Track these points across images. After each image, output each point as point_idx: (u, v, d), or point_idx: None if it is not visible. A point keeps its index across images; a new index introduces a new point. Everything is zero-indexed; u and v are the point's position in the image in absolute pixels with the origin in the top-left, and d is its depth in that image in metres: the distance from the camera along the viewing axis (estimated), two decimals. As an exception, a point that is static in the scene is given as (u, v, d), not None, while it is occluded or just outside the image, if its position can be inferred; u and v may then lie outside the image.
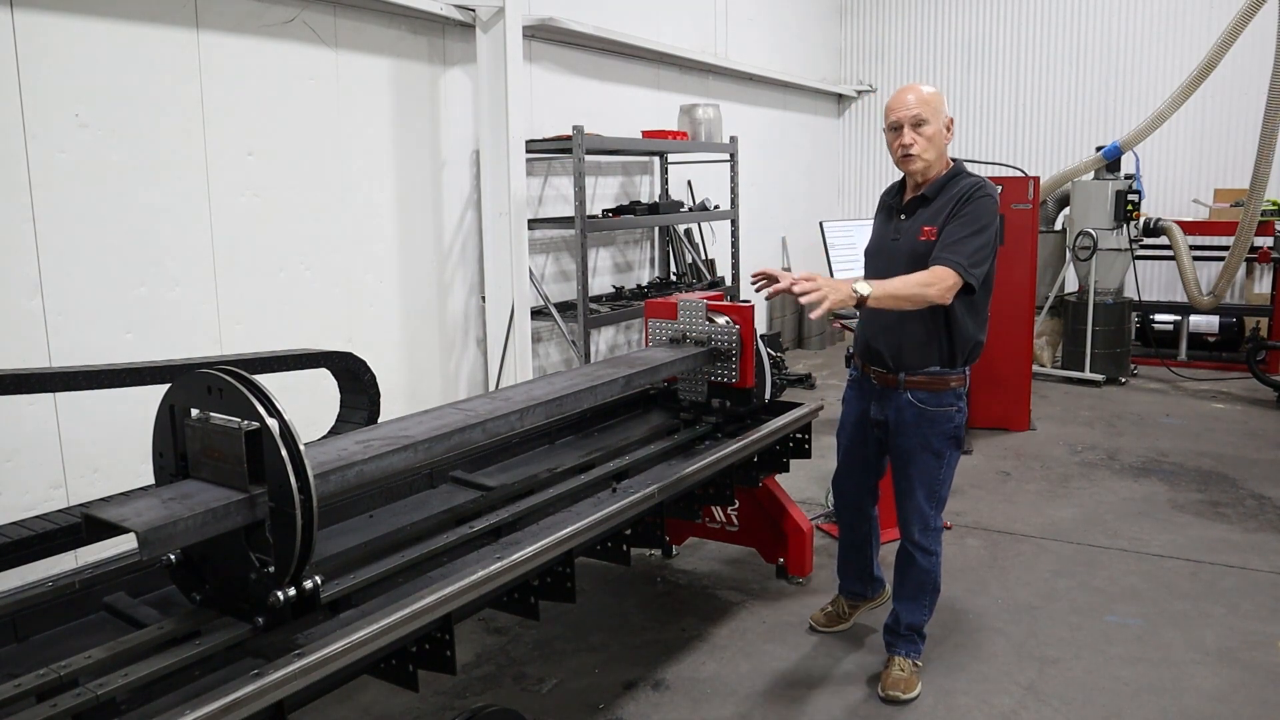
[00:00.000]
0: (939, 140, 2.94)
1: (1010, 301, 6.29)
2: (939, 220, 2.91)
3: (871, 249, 3.19)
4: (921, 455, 3.02)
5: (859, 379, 3.23)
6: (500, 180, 5.04)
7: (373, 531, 2.54)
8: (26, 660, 1.95)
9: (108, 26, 3.55)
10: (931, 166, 2.96)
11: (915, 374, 2.99)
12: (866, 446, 3.24)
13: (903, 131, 2.94)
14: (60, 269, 3.45)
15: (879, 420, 3.11)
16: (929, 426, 3.00)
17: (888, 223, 3.10)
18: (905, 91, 2.96)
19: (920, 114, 2.90)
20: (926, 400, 2.99)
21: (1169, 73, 8.74)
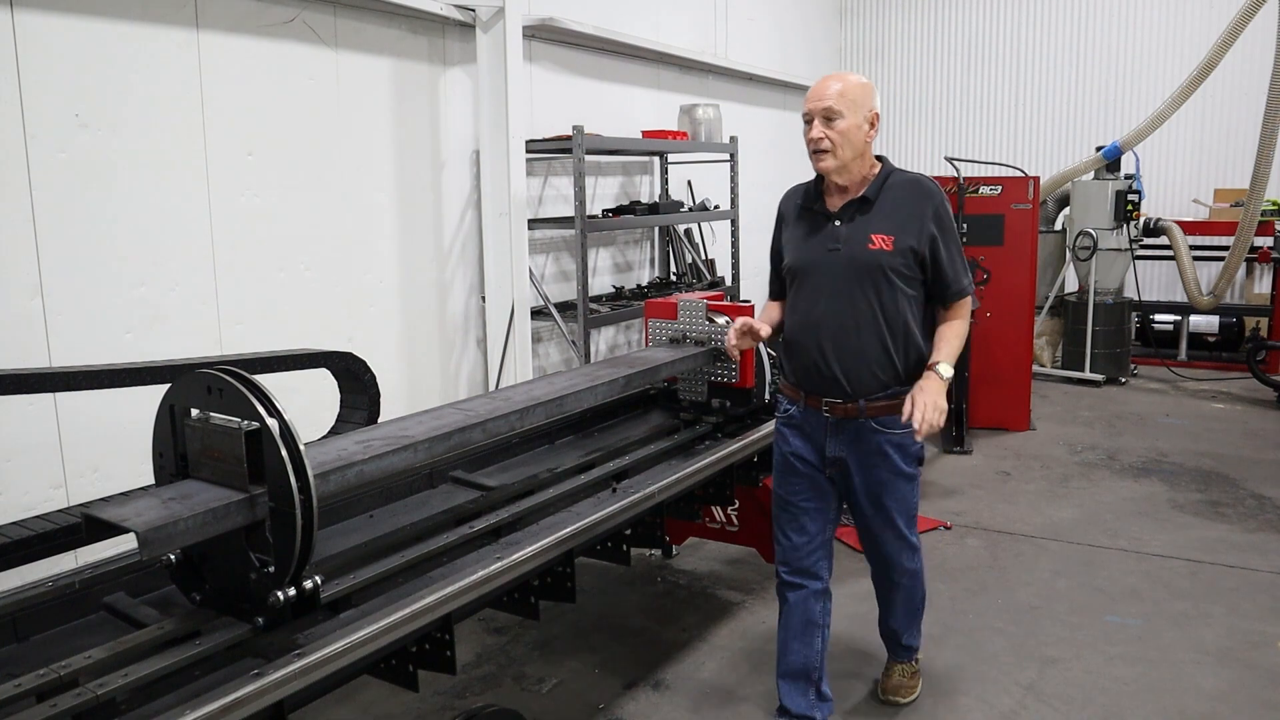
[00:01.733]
0: (856, 137, 2.58)
1: (1010, 301, 6.29)
2: (895, 226, 2.59)
3: (800, 262, 2.71)
4: (895, 484, 2.73)
5: (801, 415, 2.76)
6: (500, 180, 5.03)
7: (373, 531, 2.54)
8: (26, 660, 1.95)
9: (108, 26, 3.55)
10: (848, 166, 2.62)
11: (877, 398, 2.65)
12: (821, 491, 2.79)
13: (813, 124, 2.59)
14: (60, 269, 3.44)
15: (837, 458, 2.72)
16: (898, 453, 2.70)
17: (815, 230, 2.70)
18: (825, 80, 2.62)
19: (833, 106, 2.55)
20: (893, 424, 2.65)
21: (1169, 73, 8.74)
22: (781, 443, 2.83)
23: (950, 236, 2.64)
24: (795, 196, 2.83)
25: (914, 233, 2.59)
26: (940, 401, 2.55)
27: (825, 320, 2.64)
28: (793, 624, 2.81)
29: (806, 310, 2.69)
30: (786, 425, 2.82)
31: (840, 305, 2.62)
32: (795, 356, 2.74)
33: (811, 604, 2.81)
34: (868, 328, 2.61)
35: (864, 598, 3.85)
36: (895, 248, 2.58)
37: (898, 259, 2.58)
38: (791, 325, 2.75)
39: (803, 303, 2.71)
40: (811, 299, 2.67)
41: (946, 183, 6.23)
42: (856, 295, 2.61)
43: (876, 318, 2.61)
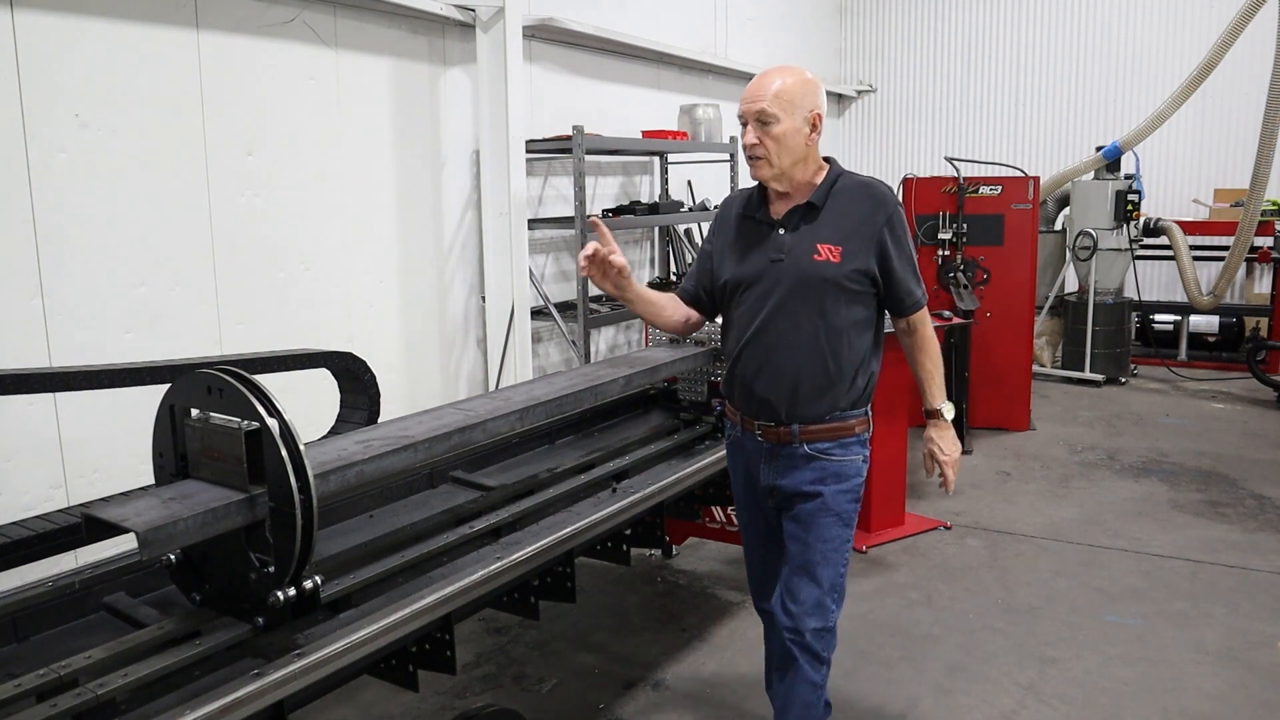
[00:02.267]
0: (794, 142, 2.33)
1: (1010, 301, 6.29)
2: (843, 235, 2.35)
3: (740, 275, 2.44)
4: (824, 521, 2.41)
5: (738, 439, 2.56)
6: (500, 180, 5.03)
7: (373, 531, 2.54)
8: (26, 660, 1.95)
9: (108, 26, 3.55)
10: (788, 173, 2.37)
11: (813, 423, 2.40)
12: (768, 522, 2.58)
13: (747, 129, 2.36)
14: (60, 269, 3.44)
15: (771, 486, 2.47)
16: (835, 484, 2.41)
17: (756, 240, 2.44)
18: (762, 78, 2.34)
19: (767, 109, 2.29)
20: (829, 451, 2.41)
21: (1169, 73, 8.73)
22: (731, 468, 2.66)
23: (904, 247, 2.40)
24: (736, 203, 2.56)
25: (864, 242, 2.35)
26: (958, 452, 2.52)
27: (763, 336, 2.39)
28: (770, 653, 2.62)
29: (744, 325, 2.43)
30: (730, 447, 2.63)
31: (781, 321, 2.37)
32: (732, 375, 2.50)
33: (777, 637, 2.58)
34: (810, 345, 2.36)
35: (866, 596, 3.86)
36: (843, 259, 2.34)
37: (845, 271, 2.34)
38: (728, 343, 2.53)
39: (741, 317, 2.45)
40: (750, 313, 2.41)
41: (946, 182, 6.24)
42: (799, 310, 2.36)
43: (819, 335, 2.36)
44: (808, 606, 2.41)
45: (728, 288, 2.48)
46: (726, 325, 2.54)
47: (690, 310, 2.66)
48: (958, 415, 5.94)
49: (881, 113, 10.58)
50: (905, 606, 3.80)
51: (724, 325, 2.57)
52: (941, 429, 2.52)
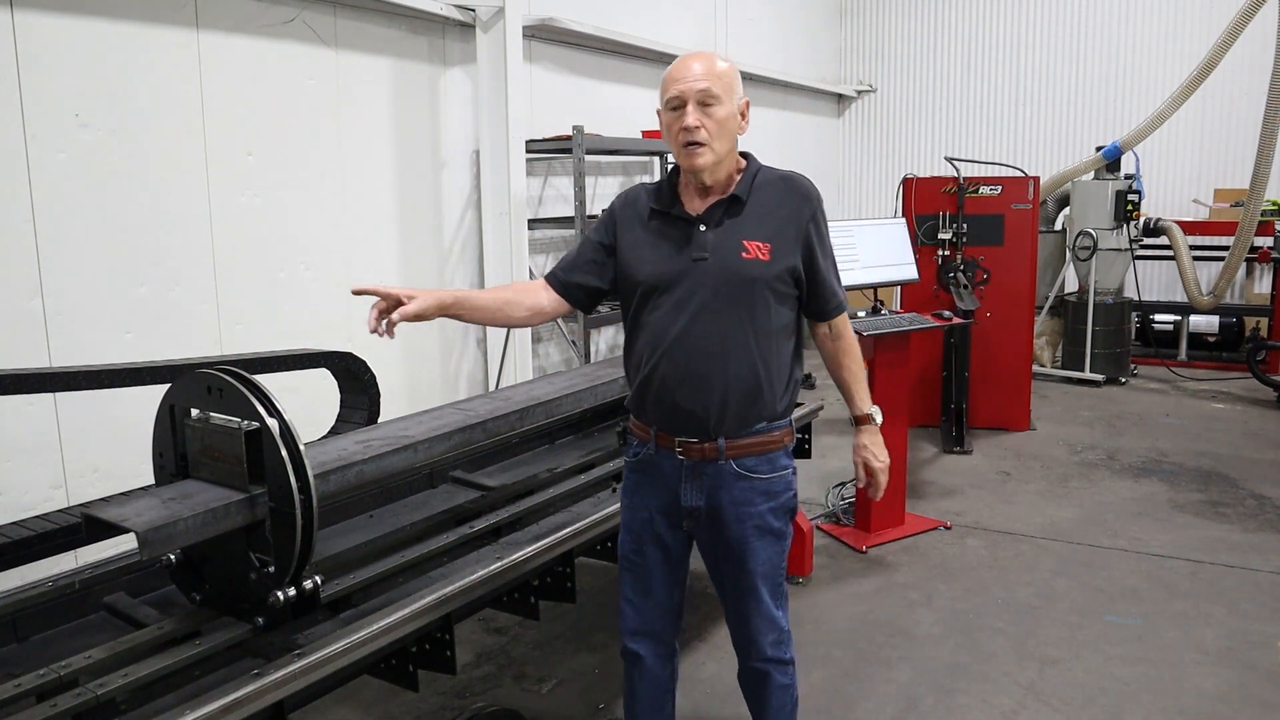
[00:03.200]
0: (731, 127, 2.15)
1: (1010, 301, 6.29)
2: (770, 232, 2.19)
3: (657, 275, 2.20)
4: (761, 542, 2.26)
5: (651, 459, 2.29)
6: (500, 180, 5.04)
7: (373, 531, 2.54)
8: (26, 660, 1.95)
9: (108, 26, 3.55)
10: (723, 163, 2.18)
11: (740, 437, 2.21)
12: (671, 552, 2.35)
13: (685, 111, 2.12)
14: (60, 269, 3.45)
15: (695, 508, 2.26)
16: (766, 502, 2.25)
17: (673, 237, 2.21)
18: (690, 59, 2.15)
19: (710, 89, 2.11)
20: (757, 468, 2.23)
21: (1169, 73, 8.74)
22: (629, 494, 2.37)
23: (827, 244, 2.27)
24: (640, 199, 2.30)
25: (791, 240, 2.20)
26: (888, 457, 2.41)
27: (687, 342, 2.17)
28: (642, 694, 2.45)
29: (662, 331, 2.19)
30: (636, 470, 2.35)
31: (707, 326, 2.16)
32: (647, 387, 2.24)
33: (660, 670, 2.44)
34: (739, 352, 2.17)
35: (866, 596, 3.86)
36: (772, 257, 2.17)
37: (775, 270, 2.17)
38: (639, 351, 2.26)
39: (658, 323, 2.20)
40: (670, 318, 2.18)
41: (946, 182, 6.24)
42: (727, 313, 2.16)
43: (749, 340, 2.17)
44: (763, 627, 2.34)
45: (639, 291, 2.23)
46: (635, 331, 2.27)
47: (545, 301, 2.34)
48: (959, 415, 5.98)
49: (881, 113, 10.58)
50: (905, 606, 3.79)
51: (631, 331, 2.29)
52: (873, 434, 2.41)
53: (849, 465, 3.62)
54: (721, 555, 2.31)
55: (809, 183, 2.27)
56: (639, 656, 2.42)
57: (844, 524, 4.59)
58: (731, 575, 2.32)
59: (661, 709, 2.49)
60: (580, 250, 2.35)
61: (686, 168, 2.19)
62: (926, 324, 4.66)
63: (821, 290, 2.27)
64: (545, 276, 2.38)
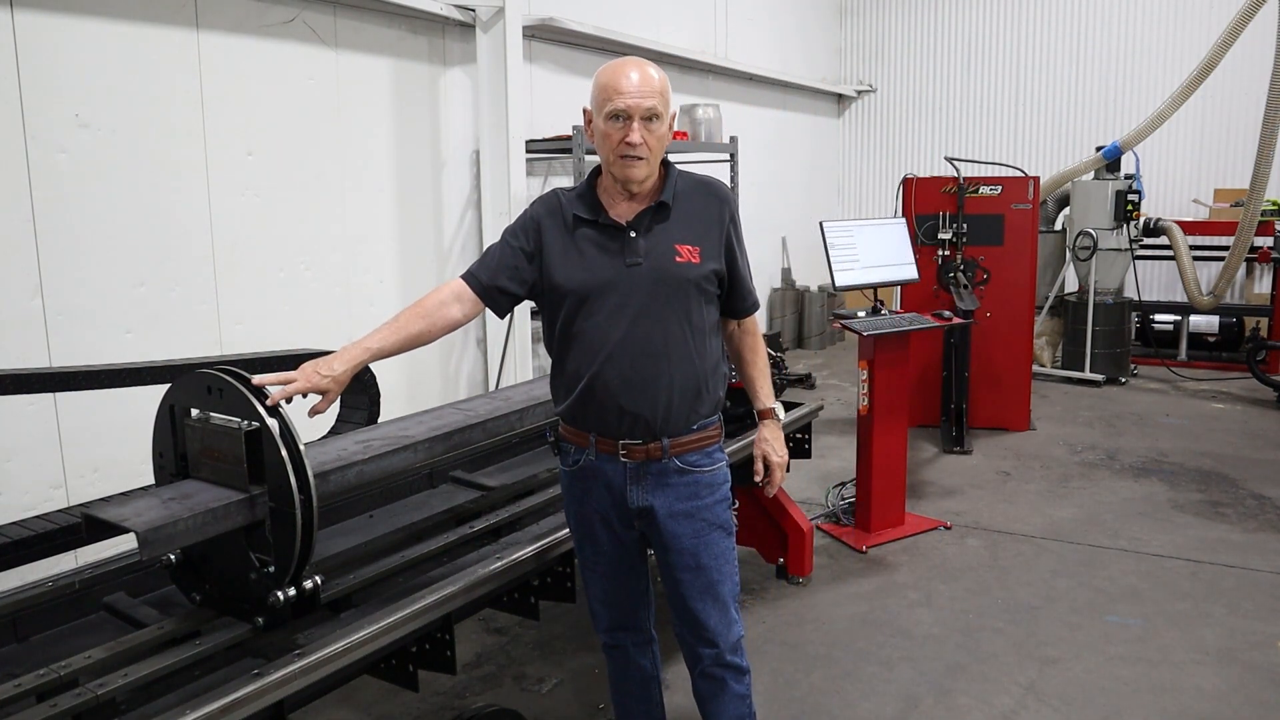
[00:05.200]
0: (666, 140, 2.23)
1: (1010, 301, 6.29)
2: (698, 235, 2.23)
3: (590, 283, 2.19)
4: (710, 536, 2.30)
5: (592, 465, 2.28)
6: (500, 180, 5.04)
7: (373, 531, 2.54)
8: (26, 660, 1.96)
9: (108, 26, 3.55)
10: (653, 173, 2.22)
11: (682, 435, 2.24)
12: (628, 550, 2.38)
13: (629, 124, 2.13)
14: (60, 269, 3.45)
15: (643, 508, 2.27)
16: (709, 495, 2.30)
17: (604, 245, 2.21)
18: (629, 66, 2.17)
19: (655, 106, 2.16)
20: (699, 463, 2.28)
21: (1169, 73, 8.74)
22: (575, 501, 2.36)
23: (742, 244, 2.33)
24: (563, 207, 2.27)
25: (715, 243, 2.25)
26: (786, 453, 2.49)
27: (629, 347, 2.18)
28: (627, 685, 2.52)
29: (599, 339, 2.19)
30: (577, 478, 2.33)
31: (649, 329, 2.18)
32: (584, 395, 2.23)
33: (640, 659, 2.50)
34: (679, 353, 2.20)
35: (866, 596, 3.86)
36: (701, 259, 2.22)
37: (704, 272, 2.22)
38: (575, 359, 2.25)
39: (594, 330, 2.20)
40: (607, 325, 2.19)
41: (946, 182, 6.24)
42: (666, 316, 2.19)
43: (687, 342, 2.21)
44: (720, 628, 2.35)
45: (571, 299, 2.21)
46: (568, 341, 2.25)
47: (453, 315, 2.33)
48: (959, 415, 5.98)
49: (881, 113, 10.58)
50: (905, 606, 3.79)
51: (563, 341, 2.27)
52: (774, 429, 2.45)
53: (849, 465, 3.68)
54: (674, 558, 2.31)
55: (724, 186, 2.36)
56: (619, 648, 2.50)
57: (844, 524, 4.59)
58: (687, 575, 2.32)
59: (648, 697, 2.54)
60: (501, 255, 2.29)
61: (621, 177, 2.19)
62: (926, 324, 4.66)
63: (740, 289, 2.35)
64: (464, 277, 2.32)
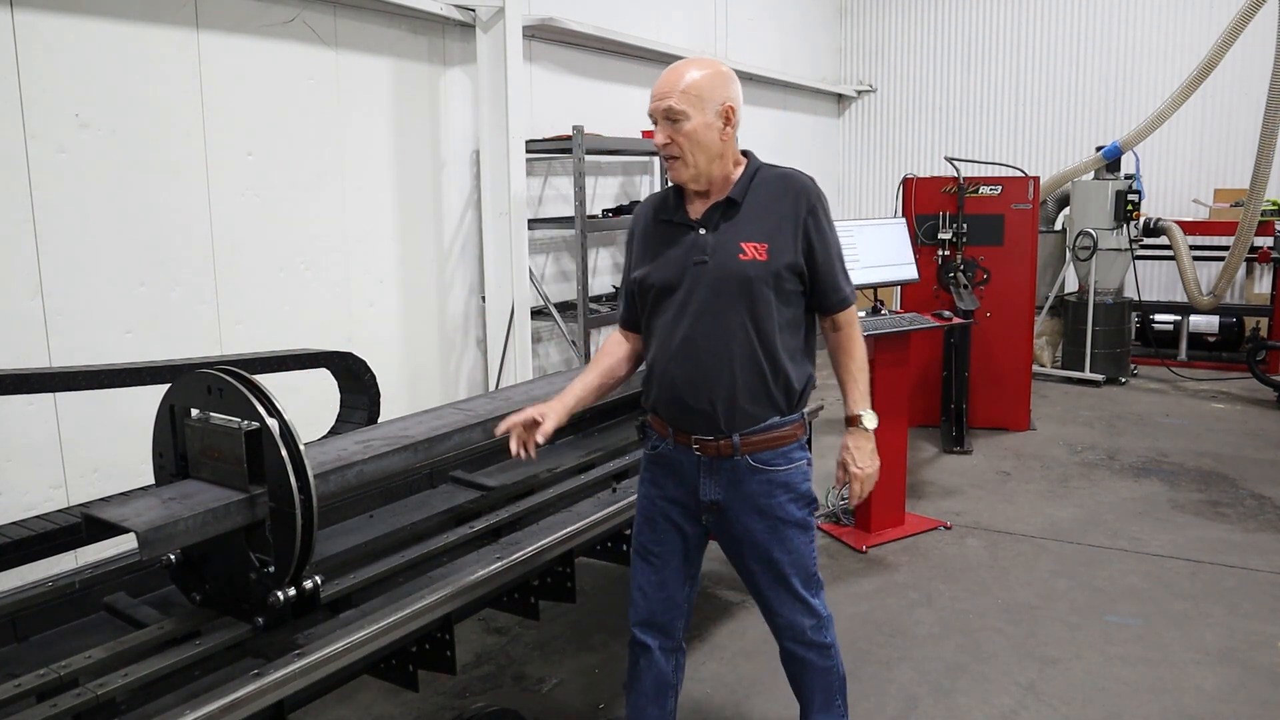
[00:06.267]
0: (708, 138, 2.18)
1: (1010, 301, 6.29)
2: (767, 231, 2.22)
3: (660, 280, 2.28)
4: (786, 533, 2.32)
5: (669, 454, 2.35)
6: (500, 180, 5.04)
7: (373, 531, 2.54)
8: (26, 660, 1.96)
9: (108, 26, 3.55)
10: (705, 172, 2.22)
11: (753, 432, 2.26)
12: (688, 543, 2.41)
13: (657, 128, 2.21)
14: (60, 269, 3.45)
15: (714, 502, 2.31)
16: (785, 494, 2.30)
17: (675, 243, 2.28)
18: (670, 73, 2.19)
19: (674, 106, 2.15)
20: (773, 461, 2.28)
21: (1169, 72, 8.74)
22: (647, 484, 2.43)
23: (828, 237, 2.27)
24: (649, 208, 2.39)
25: (789, 237, 2.23)
26: (875, 462, 2.34)
27: (691, 345, 2.24)
28: (645, 687, 2.48)
29: (668, 334, 2.27)
30: (655, 464, 2.41)
31: (709, 327, 2.22)
32: (658, 388, 2.32)
33: (664, 664, 2.47)
34: (741, 352, 2.22)
35: (866, 596, 3.86)
36: (770, 256, 2.20)
37: (773, 269, 2.21)
38: (652, 353, 2.34)
39: (664, 326, 2.28)
40: (674, 321, 2.26)
41: (946, 182, 6.24)
42: (728, 314, 2.21)
43: (751, 340, 2.22)
44: (794, 616, 2.39)
45: (648, 295, 2.31)
46: (648, 335, 2.35)
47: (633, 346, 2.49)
48: (959, 415, 5.98)
49: (881, 113, 10.57)
50: (905, 606, 3.80)
51: (645, 334, 2.37)
52: (859, 439, 2.34)
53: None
54: (747, 550, 2.35)
55: (807, 179, 2.29)
56: (646, 648, 2.45)
57: (844, 524, 4.59)
58: (759, 568, 2.36)
59: (663, 704, 2.50)
60: (624, 287, 2.47)
61: (671, 180, 2.28)
62: (926, 324, 4.66)
63: (822, 285, 2.28)
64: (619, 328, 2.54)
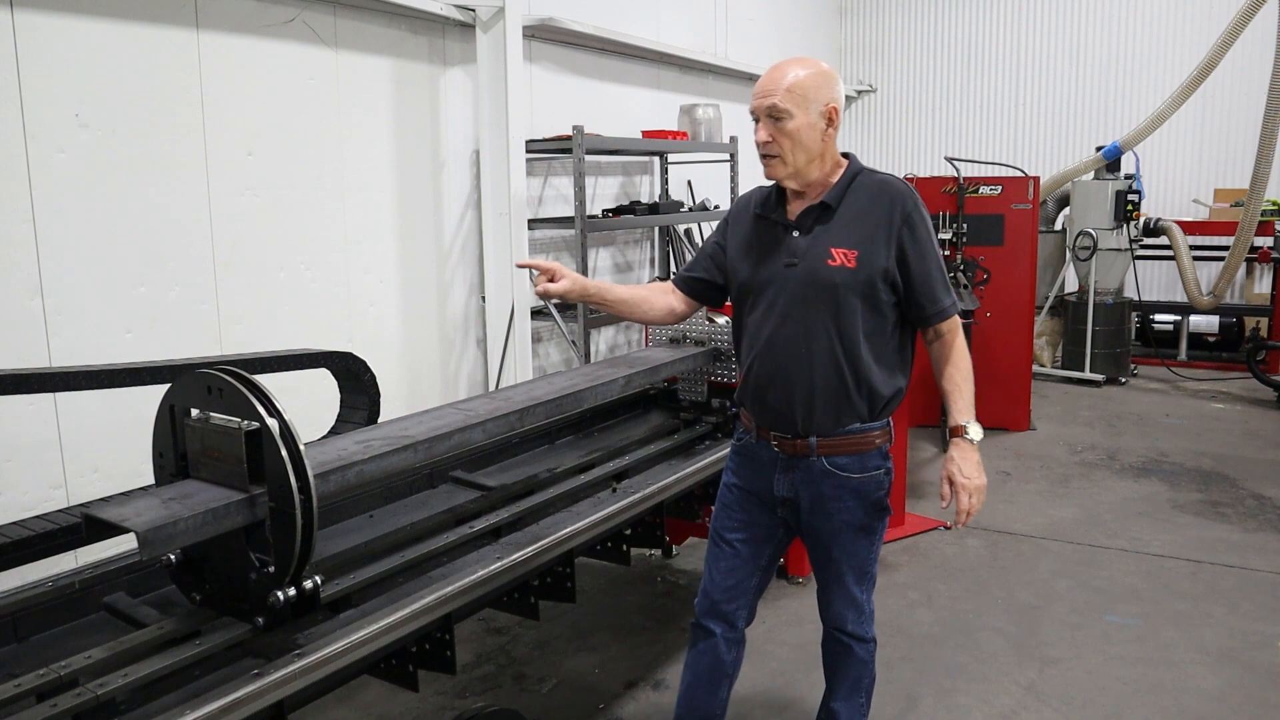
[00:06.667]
0: (809, 138, 2.19)
1: (1010, 301, 6.29)
2: (859, 239, 2.22)
3: (753, 279, 2.33)
4: (847, 536, 2.35)
5: (751, 447, 2.43)
6: (500, 180, 5.03)
7: (373, 531, 2.54)
8: (26, 660, 1.95)
9: (108, 26, 3.55)
10: (803, 172, 2.24)
11: (831, 436, 2.29)
12: (760, 534, 2.46)
13: (758, 126, 2.23)
14: (60, 269, 3.44)
15: (786, 498, 2.37)
16: (854, 499, 2.32)
17: (771, 242, 2.32)
18: (774, 70, 2.21)
19: (778, 104, 2.16)
20: (848, 466, 2.30)
21: (1169, 72, 8.74)
22: (730, 473, 2.50)
23: (925, 248, 2.25)
24: (752, 201, 2.42)
25: (881, 245, 2.22)
26: (981, 479, 2.28)
27: (776, 345, 2.28)
28: (700, 673, 2.51)
29: (756, 332, 2.34)
30: (738, 454, 2.49)
31: (793, 330, 2.26)
32: (746, 383, 2.40)
33: (724, 652, 2.49)
34: (823, 357, 2.24)
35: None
36: (859, 264, 2.20)
37: (861, 277, 2.20)
38: (742, 348, 2.43)
39: (754, 324, 2.35)
40: (763, 320, 2.32)
41: (946, 182, 6.24)
42: (812, 319, 2.23)
43: (833, 346, 2.23)
44: (844, 609, 2.46)
45: (741, 292, 2.39)
46: (739, 329, 2.44)
47: (675, 301, 2.56)
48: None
49: (881, 113, 10.58)
50: (905, 606, 3.80)
51: (736, 328, 2.46)
52: (966, 450, 2.29)
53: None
54: (809, 541, 2.43)
55: (905, 186, 2.28)
56: (709, 634, 2.49)
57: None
58: (819, 560, 2.44)
59: (716, 692, 2.52)
60: (705, 250, 2.54)
61: (766, 177, 2.30)
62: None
63: (917, 295, 2.26)
64: (672, 279, 2.59)
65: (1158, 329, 8.42)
